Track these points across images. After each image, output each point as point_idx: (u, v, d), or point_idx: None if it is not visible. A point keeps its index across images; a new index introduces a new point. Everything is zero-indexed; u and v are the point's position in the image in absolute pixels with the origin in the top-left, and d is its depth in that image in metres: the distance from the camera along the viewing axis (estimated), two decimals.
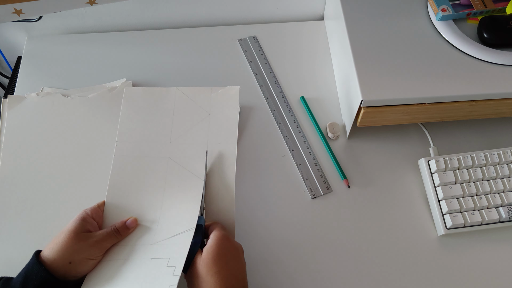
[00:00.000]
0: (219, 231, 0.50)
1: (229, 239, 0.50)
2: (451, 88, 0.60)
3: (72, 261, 0.47)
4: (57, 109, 0.68)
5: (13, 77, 0.80)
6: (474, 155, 0.63)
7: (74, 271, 0.48)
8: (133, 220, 0.53)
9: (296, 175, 0.66)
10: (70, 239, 0.48)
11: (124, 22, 0.80)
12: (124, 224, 0.52)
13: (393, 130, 0.69)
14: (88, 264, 0.49)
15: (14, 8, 0.61)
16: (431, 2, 0.66)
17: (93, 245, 0.49)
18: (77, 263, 0.48)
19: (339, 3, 0.68)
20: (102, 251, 0.50)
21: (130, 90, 0.62)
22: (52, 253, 0.48)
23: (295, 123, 0.70)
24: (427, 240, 0.61)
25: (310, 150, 0.68)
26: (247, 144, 0.68)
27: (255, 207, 0.63)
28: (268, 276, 0.58)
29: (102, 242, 0.50)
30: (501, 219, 0.61)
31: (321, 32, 0.80)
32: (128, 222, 0.52)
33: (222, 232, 0.50)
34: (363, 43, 0.64)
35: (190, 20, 0.82)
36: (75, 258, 0.48)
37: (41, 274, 0.46)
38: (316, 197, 0.64)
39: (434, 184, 0.63)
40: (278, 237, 0.61)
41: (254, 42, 0.78)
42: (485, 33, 0.62)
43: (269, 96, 0.73)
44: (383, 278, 0.59)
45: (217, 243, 0.48)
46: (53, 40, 0.78)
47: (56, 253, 0.48)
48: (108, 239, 0.50)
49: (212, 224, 0.52)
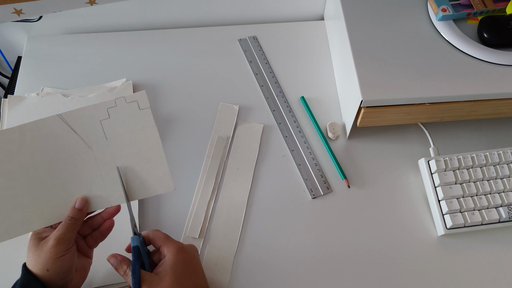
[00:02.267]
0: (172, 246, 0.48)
1: (184, 250, 0.49)
2: (451, 88, 0.60)
3: (48, 268, 0.46)
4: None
5: (13, 77, 0.80)
6: (474, 155, 0.63)
7: (56, 279, 0.47)
8: (80, 200, 0.49)
9: (296, 175, 0.66)
10: (33, 247, 0.47)
11: (124, 22, 0.80)
12: (73, 207, 0.49)
13: (393, 130, 0.69)
14: (63, 263, 0.47)
15: (14, 8, 0.61)
16: (431, 2, 0.66)
17: (55, 245, 0.46)
18: (53, 267, 0.46)
19: (339, 3, 0.68)
20: (68, 244, 0.47)
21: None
22: (32, 265, 0.47)
23: (295, 123, 0.70)
24: (427, 240, 0.61)
25: (310, 150, 0.68)
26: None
27: (255, 207, 0.63)
28: (268, 276, 0.58)
29: (61, 236, 0.47)
30: (501, 219, 0.61)
31: (321, 32, 0.80)
32: (77, 205, 0.49)
33: (174, 245, 0.48)
34: (363, 43, 0.64)
35: (190, 20, 0.82)
36: (48, 264, 0.46)
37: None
38: (316, 197, 0.64)
39: (434, 184, 0.63)
40: (278, 237, 0.61)
41: (254, 42, 0.78)
42: (485, 33, 0.62)
43: (269, 96, 0.73)
44: (383, 278, 0.59)
45: (176, 262, 0.47)
46: (53, 40, 0.78)
47: (34, 265, 0.47)
48: (67, 230, 0.48)
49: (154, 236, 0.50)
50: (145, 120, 0.51)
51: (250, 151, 0.67)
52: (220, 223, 0.62)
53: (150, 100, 0.71)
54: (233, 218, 0.62)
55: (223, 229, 0.61)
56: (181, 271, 0.47)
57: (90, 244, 0.52)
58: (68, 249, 0.47)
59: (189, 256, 0.49)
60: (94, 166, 0.50)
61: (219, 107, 0.71)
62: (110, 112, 0.51)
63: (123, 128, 0.51)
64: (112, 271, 0.56)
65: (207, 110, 0.71)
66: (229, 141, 0.68)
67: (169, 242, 0.49)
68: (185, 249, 0.49)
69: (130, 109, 0.51)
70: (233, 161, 0.66)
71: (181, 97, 0.72)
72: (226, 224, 0.62)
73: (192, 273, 0.48)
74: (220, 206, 0.63)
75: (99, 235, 0.52)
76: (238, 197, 0.64)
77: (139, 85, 0.73)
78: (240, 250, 0.60)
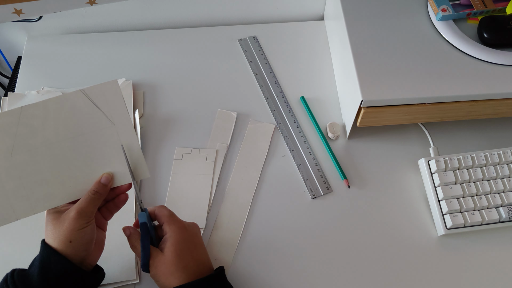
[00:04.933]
0: (174, 224, 0.50)
1: (185, 228, 0.51)
2: (451, 88, 0.60)
3: (71, 240, 0.47)
4: None
5: (13, 77, 0.80)
6: (474, 155, 0.63)
7: (79, 250, 0.47)
8: (107, 176, 0.50)
9: (296, 175, 0.66)
10: (54, 221, 0.48)
11: (124, 22, 0.81)
12: (99, 182, 0.50)
13: (393, 130, 0.69)
14: (85, 235, 0.48)
15: (14, 8, 0.61)
16: (431, 2, 0.66)
17: (77, 217, 0.47)
18: (76, 238, 0.47)
19: (339, 3, 0.68)
20: (89, 217, 0.48)
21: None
22: (53, 239, 0.47)
23: (295, 123, 0.70)
24: (427, 240, 0.61)
25: (310, 150, 0.68)
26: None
27: (255, 207, 0.63)
28: (269, 276, 0.58)
29: (83, 209, 0.48)
30: (501, 219, 0.61)
31: (321, 32, 0.80)
32: (103, 180, 0.50)
33: (177, 224, 0.51)
34: (363, 43, 0.64)
35: (190, 20, 0.82)
36: (71, 235, 0.47)
37: (61, 262, 0.46)
38: (316, 197, 0.64)
39: (434, 184, 0.63)
40: (279, 238, 0.61)
41: (254, 42, 0.78)
42: (485, 33, 0.62)
43: (269, 96, 0.73)
44: (383, 278, 0.59)
45: (177, 239, 0.49)
46: (53, 40, 0.78)
47: (55, 238, 0.47)
48: (89, 203, 0.48)
49: (159, 213, 0.52)
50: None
51: (259, 150, 0.67)
52: (223, 222, 0.62)
53: (150, 100, 0.72)
54: (236, 217, 0.62)
55: (225, 229, 0.61)
56: (182, 247, 0.49)
57: (106, 215, 0.53)
58: (88, 222, 0.48)
59: (191, 234, 0.51)
60: (116, 142, 0.51)
61: (216, 114, 0.70)
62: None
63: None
64: (112, 270, 0.57)
65: (207, 110, 0.71)
66: (227, 148, 0.68)
67: (172, 221, 0.51)
68: (186, 228, 0.51)
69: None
70: (241, 159, 0.67)
71: (181, 97, 0.72)
72: (228, 223, 0.62)
73: (193, 249, 0.50)
74: (224, 205, 0.63)
75: (113, 206, 0.53)
76: (244, 195, 0.64)
77: (139, 85, 0.73)
78: (240, 250, 0.60)
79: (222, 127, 0.69)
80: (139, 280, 0.57)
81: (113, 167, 0.51)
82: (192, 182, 0.64)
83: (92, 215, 0.49)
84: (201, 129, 0.69)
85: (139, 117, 0.69)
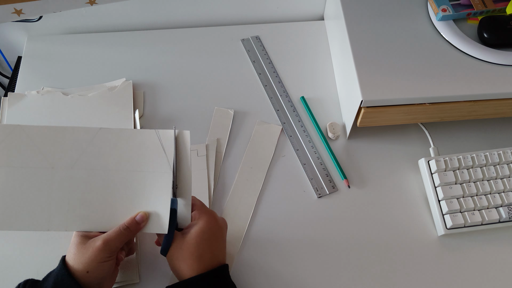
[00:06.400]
0: (206, 213, 0.51)
1: (215, 219, 0.52)
2: (451, 88, 0.60)
3: (89, 270, 0.46)
4: (57, 107, 0.69)
5: (13, 77, 0.80)
6: (474, 155, 0.63)
7: (93, 283, 0.47)
8: (142, 215, 0.50)
9: (302, 174, 0.66)
10: (80, 245, 0.48)
11: (124, 22, 0.80)
12: (134, 219, 0.50)
13: (393, 130, 0.69)
14: (104, 269, 0.47)
15: (14, 8, 0.61)
16: (431, 2, 0.66)
17: (102, 248, 0.47)
18: (94, 270, 0.47)
19: (339, 3, 0.68)
20: (113, 251, 0.48)
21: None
22: (73, 262, 0.47)
23: (299, 123, 0.70)
24: (427, 240, 0.61)
25: (315, 149, 0.68)
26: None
27: (260, 206, 0.63)
28: (273, 274, 0.58)
29: (110, 242, 0.47)
30: (501, 219, 0.61)
31: (321, 32, 0.80)
32: (138, 218, 0.50)
33: (208, 213, 0.51)
34: (363, 43, 0.64)
35: (192, 20, 0.82)
36: (90, 266, 0.46)
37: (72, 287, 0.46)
38: (322, 196, 0.64)
39: (434, 184, 0.63)
40: (284, 237, 0.61)
41: (257, 42, 0.78)
42: (485, 33, 0.62)
43: (273, 96, 0.73)
44: (384, 277, 0.59)
45: (203, 228, 0.50)
46: (53, 40, 0.78)
47: (75, 263, 0.47)
48: (117, 237, 0.48)
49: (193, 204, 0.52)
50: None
51: (265, 151, 0.68)
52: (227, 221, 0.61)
53: (150, 100, 0.72)
54: (241, 216, 0.62)
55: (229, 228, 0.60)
56: (205, 237, 0.50)
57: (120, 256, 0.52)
58: (111, 256, 0.48)
59: (218, 227, 0.52)
60: (167, 188, 0.51)
61: (214, 112, 0.70)
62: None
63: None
64: None
65: (208, 110, 0.71)
66: (224, 144, 0.68)
67: (203, 209, 0.52)
68: (217, 219, 0.52)
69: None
70: (247, 160, 0.67)
71: (182, 97, 0.72)
72: (232, 222, 0.61)
73: (214, 242, 0.51)
74: (228, 205, 0.63)
75: (128, 251, 0.53)
76: (248, 196, 0.64)
77: (139, 85, 0.73)
78: (243, 250, 0.60)
79: (220, 124, 0.69)
80: (140, 280, 0.57)
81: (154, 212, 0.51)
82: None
83: (117, 250, 0.48)
84: (202, 129, 0.69)
85: (139, 117, 0.69)
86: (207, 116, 0.70)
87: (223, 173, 0.66)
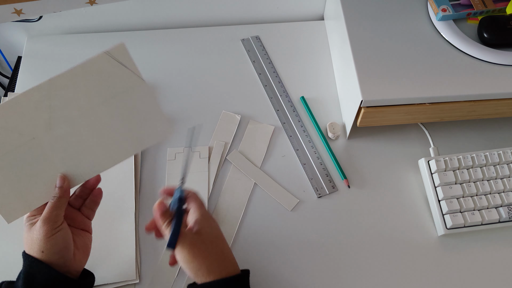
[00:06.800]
0: (202, 212, 0.49)
1: (210, 217, 0.50)
2: (451, 88, 0.60)
3: (43, 249, 0.46)
4: None
5: (13, 77, 0.80)
6: (474, 155, 0.63)
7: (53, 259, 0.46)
8: (61, 177, 0.49)
9: (302, 174, 0.66)
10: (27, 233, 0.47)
11: (124, 22, 0.80)
12: (55, 187, 0.48)
13: (393, 130, 0.69)
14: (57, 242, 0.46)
15: (14, 8, 0.61)
16: (431, 2, 0.66)
17: (42, 225, 0.46)
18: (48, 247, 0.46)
19: (339, 3, 0.68)
20: (55, 222, 0.47)
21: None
22: (30, 250, 0.47)
23: (299, 123, 0.70)
24: (427, 240, 0.61)
25: (315, 149, 0.68)
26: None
27: (260, 206, 0.63)
28: (273, 274, 0.58)
29: (47, 215, 0.46)
30: (501, 219, 0.61)
31: (321, 32, 0.80)
32: (57, 183, 0.48)
33: (204, 212, 0.50)
34: (363, 43, 0.64)
35: (192, 20, 0.82)
36: (41, 244, 0.46)
37: (44, 270, 0.45)
38: (322, 196, 0.64)
39: (434, 184, 0.63)
40: (284, 236, 0.61)
41: (257, 42, 0.78)
42: (485, 33, 0.62)
43: (273, 96, 0.73)
44: (384, 277, 0.59)
45: (204, 226, 0.48)
46: (53, 40, 0.78)
47: (31, 249, 0.47)
48: (50, 209, 0.47)
49: (189, 198, 0.51)
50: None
51: (257, 151, 0.67)
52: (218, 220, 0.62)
53: None
54: (231, 217, 0.62)
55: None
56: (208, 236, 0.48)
57: (88, 214, 0.52)
58: (56, 227, 0.47)
59: (214, 224, 0.50)
60: (152, 98, 0.50)
61: (220, 115, 0.70)
62: None
63: None
64: (112, 270, 0.57)
65: (209, 110, 0.71)
66: (227, 147, 0.68)
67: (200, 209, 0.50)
68: (211, 216, 0.51)
69: None
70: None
71: (182, 97, 0.72)
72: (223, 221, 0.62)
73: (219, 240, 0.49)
74: (219, 205, 0.63)
75: (92, 203, 0.52)
76: (238, 196, 0.64)
77: None
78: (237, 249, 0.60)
79: (225, 128, 0.69)
80: (139, 280, 0.57)
81: (149, 123, 0.50)
82: (188, 181, 0.64)
83: (58, 219, 0.47)
84: (203, 130, 0.69)
85: None
86: (207, 116, 0.70)
87: (219, 171, 0.66)
